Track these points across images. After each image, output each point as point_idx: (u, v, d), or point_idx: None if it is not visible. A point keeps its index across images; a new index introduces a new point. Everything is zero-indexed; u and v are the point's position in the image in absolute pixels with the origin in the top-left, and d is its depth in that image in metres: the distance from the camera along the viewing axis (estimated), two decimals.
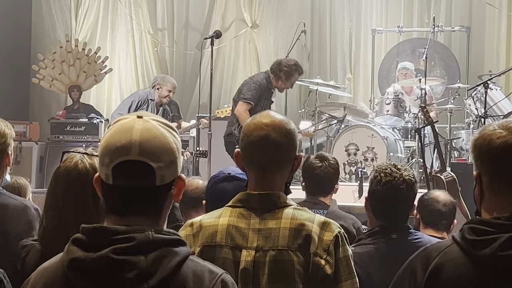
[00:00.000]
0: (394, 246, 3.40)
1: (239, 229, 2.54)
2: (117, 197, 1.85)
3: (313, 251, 2.50)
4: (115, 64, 12.46)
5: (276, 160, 2.58)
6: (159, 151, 1.83)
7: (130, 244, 1.76)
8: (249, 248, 2.52)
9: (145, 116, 1.87)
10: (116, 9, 12.71)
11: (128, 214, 1.84)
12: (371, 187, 3.51)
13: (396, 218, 3.49)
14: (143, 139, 1.82)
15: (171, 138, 1.87)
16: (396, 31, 11.56)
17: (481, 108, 9.00)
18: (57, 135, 11.12)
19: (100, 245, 1.77)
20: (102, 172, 1.85)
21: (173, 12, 12.75)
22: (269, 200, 2.57)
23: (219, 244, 2.53)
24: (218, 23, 12.45)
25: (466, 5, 11.94)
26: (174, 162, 1.86)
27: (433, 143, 8.46)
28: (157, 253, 1.78)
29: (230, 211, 2.58)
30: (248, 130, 2.60)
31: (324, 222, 2.56)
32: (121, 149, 1.81)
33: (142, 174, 1.81)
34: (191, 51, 12.55)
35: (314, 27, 12.43)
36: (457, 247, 2.06)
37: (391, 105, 9.77)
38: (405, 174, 3.46)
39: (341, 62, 12.30)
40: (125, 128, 1.84)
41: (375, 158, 9.46)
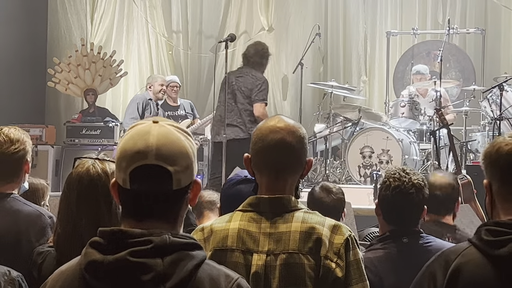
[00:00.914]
0: (405, 251, 3.42)
1: (250, 233, 2.55)
2: (135, 201, 1.87)
3: (323, 254, 2.50)
4: (130, 67, 12.50)
5: (290, 163, 2.60)
6: (175, 155, 1.85)
7: (147, 247, 1.78)
8: (260, 252, 2.53)
9: (160, 121, 1.89)
10: (132, 12, 12.76)
11: (146, 218, 1.86)
12: (381, 192, 3.51)
13: (406, 223, 3.49)
14: (160, 143, 1.84)
15: (186, 143, 1.89)
16: (411, 33, 11.56)
17: (496, 110, 8.99)
18: (72, 138, 11.16)
19: (117, 248, 1.80)
20: (120, 177, 1.88)
21: (187, 15, 12.78)
22: (279, 204, 2.58)
23: (230, 248, 2.54)
24: (233, 26, 12.50)
25: (481, 7, 11.92)
26: (190, 166, 1.88)
27: (448, 146, 8.44)
28: (174, 256, 1.80)
29: (240, 215, 2.59)
30: (263, 134, 2.61)
31: (335, 225, 2.57)
32: (138, 154, 1.84)
33: (159, 178, 1.84)
34: (206, 54, 12.59)
35: (329, 30, 12.44)
36: (475, 248, 2.10)
37: (406, 107, 9.76)
38: (414, 178, 3.46)
39: (356, 64, 12.30)
40: (141, 133, 1.86)
41: (390, 161, 9.44)
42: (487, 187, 2.16)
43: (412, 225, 3.49)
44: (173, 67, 12.65)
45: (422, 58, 11.34)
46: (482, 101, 9.77)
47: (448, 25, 10.29)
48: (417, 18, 12.02)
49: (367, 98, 12.00)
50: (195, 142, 1.97)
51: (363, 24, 12.33)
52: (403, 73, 11.50)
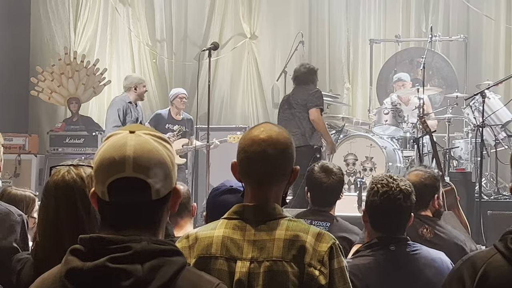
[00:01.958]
0: (393, 258, 3.42)
1: (234, 241, 2.56)
2: (114, 213, 1.86)
3: (307, 262, 2.51)
4: (114, 76, 12.49)
5: (273, 175, 2.61)
6: (153, 166, 1.83)
7: (126, 253, 1.78)
8: (244, 259, 2.54)
9: (137, 131, 1.88)
10: (115, 21, 12.77)
11: (125, 228, 1.85)
12: (368, 198, 3.50)
13: (394, 229, 3.49)
14: (137, 154, 1.83)
15: (164, 152, 1.87)
16: (394, 41, 11.62)
17: (479, 117, 9.02)
18: (56, 147, 11.14)
19: (97, 255, 1.79)
20: (98, 189, 1.87)
21: (171, 24, 12.81)
22: (264, 212, 2.59)
23: (214, 255, 2.55)
24: (217, 35, 12.52)
25: (464, 16, 11.99)
26: (168, 175, 1.87)
27: (432, 153, 8.47)
28: (153, 262, 1.79)
29: (225, 223, 2.60)
30: (245, 145, 2.62)
31: (319, 233, 2.57)
32: (116, 166, 1.82)
33: (138, 190, 1.83)
34: (189, 62, 12.60)
35: (313, 37, 12.47)
36: (501, 256, 2.14)
37: (390, 114, 9.80)
38: (401, 184, 3.46)
39: (339, 72, 12.34)
40: (118, 144, 1.85)
41: (374, 168, 9.48)
42: None
43: (399, 232, 3.49)
44: (157, 76, 12.65)
45: (405, 66, 11.39)
46: (465, 108, 9.83)
47: (431, 32, 10.33)
48: (400, 26, 12.07)
49: (350, 106, 12.04)
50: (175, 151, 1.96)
51: (346, 32, 12.38)
52: (386, 80, 11.52)
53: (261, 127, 2.66)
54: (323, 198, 4.65)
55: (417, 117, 8.93)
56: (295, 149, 2.68)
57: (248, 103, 12.60)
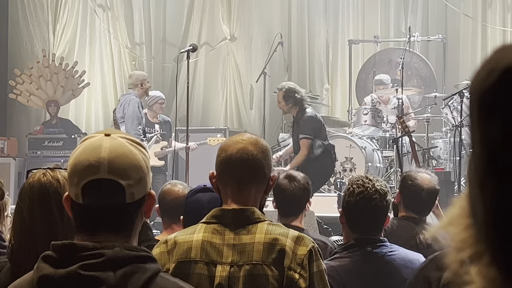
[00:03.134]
0: (370, 259, 3.44)
1: (213, 245, 2.57)
2: (87, 216, 1.85)
3: (287, 265, 2.53)
4: (93, 78, 12.47)
5: (252, 172, 2.63)
6: (128, 169, 1.83)
7: (98, 260, 1.77)
8: (224, 263, 2.55)
9: (112, 134, 1.88)
10: (94, 23, 12.74)
11: (98, 232, 1.84)
12: (345, 199, 3.52)
13: (370, 230, 3.51)
14: (112, 157, 1.82)
15: (139, 155, 1.87)
16: (372, 41, 11.64)
17: (457, 117, 9.06)
18: (35, 150, 11.11)
19: (69, 262, 1.78)
20: (72, 192, 1.86)
21: (150, 26, 12.81)
22: (243, 215, 2.60)
23: (194, 260, 2.56)
24: (196, 36, 12.51)
25: (442, 15, 12.06)
26: (143, 178, 1.87)
27: (411, 153, 8.51)
28: (126, 269, 1.78)
29: (204, 227, 2.61)
30: (226, 145, 2.66)
31: (298, 236, 2.59)
32: (90, 168, 1.82)
33: (112, 193, 1.82)
34: (169, 64, 12.59)
35: (292, 38, 12.49)
36: None
37: (369, 115, 9.82)
38: (377, 184, 3.47)
39: (319, 73, 12.37)
40: (93, 147, 1.84)
41: (353, 169, 9.49)
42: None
43: (376, 233, 3.51)
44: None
45: (384, 66, 11.41)
46: (444, 108, 9.86)
47: (409, 33, 10.37)
48: (379, 27, 12.12)
49: (330, 106, 12.06)
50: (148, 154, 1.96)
51: (325, 33, 12.40)
52: (365, 81, 11.54)
53: (238, 137, 2.70)
54: (287, 207, 4.49)
55: (396, 117, 8.97)
56: (271, 158, 2.72)
57: (228, 105, 12.61)
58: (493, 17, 11.89)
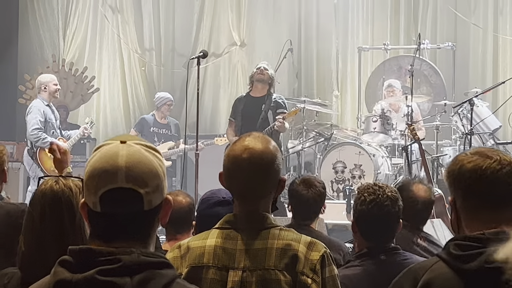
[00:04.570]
0: (383, 268, 3.42)
1: (226, 250, 2.57)
2: (105, 224, 1.85)
3: (299, 270, 2.52)
4: (103, 83, 12.52)
5: (255, 190, 2.62)
6: (145, 176, 1.83)
7: (116, 266, 1.76)
8: (236, 268, 2.54)
9: (128, 140, 1.87)
10: (104, 29, 12.80)
11: (115, 239, 1.84)
12: (357, 208, 3.52)
13: (383, 238, 3.51)
14: (129, 165, 1.82)
15: (156, 162, 1.87)
16: (382, 48, 11.62)
17: (467, 125, 9.05)
18: None
19: (86, 267, 1.77)
20: (89, 200, 1.85)
21: (160, 32, 12.84)
22: (255, 221, 2.60)
23: (206, 265, 2.56)
24: (206, 42, 12.54)
25: (451, 24, 12.04)
26: (160, 185, 1.87)
27: (420, 160, 8.49)
28: (143, 275, 1.77)
29: (217, 233, 2.61)
30: (228, 158, 2.63)
31: (311, 242, 2.59)
32: (108, 177, 1.81)
33: (130, 201, 1.82)
34: (178, 69, 12.60)
35: (302, 45, 12.50)
36: (443, 263, 2.10)
37: (378, 122, 9.80)
38: (387, 190, 3.49)
39: (328, 80, 12.36)
40: (109, 155, 1.84)
41: (362, 176, 9.48)
42: (452, 204, 2.19)
43: (389, 241, 3.52)
44: (146, 83, 12.66)
45: (393, 73, 11.39)
46: (453, 115, 9.85)
47: (419, 40, 10.34)
48: (388, 34, 12.11)
49: (339, 113, 12.06)
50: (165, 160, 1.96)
51: (335, 40, 12.40)
52: (375, 88, 11.52)
53: (244, 142, 2.63)
54: (303, 211, 4.57)
55: (406, 124, 8.94)
56: (281, 160, 2.66)
57: None
58: (503, 26, 11.88)
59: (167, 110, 10.67)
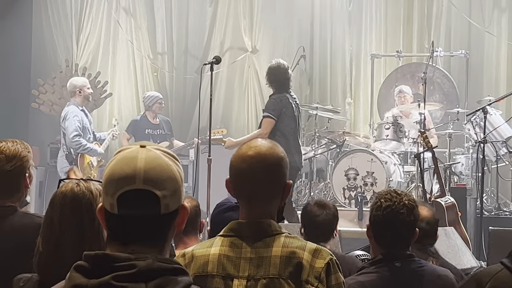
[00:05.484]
0: (398, 275, 3.42)
1: (230, 258, 2.56)
2: (122, 227, 1.85)
3: (304, 279, 2.50)
4: (115, 88, 12.58)
5: (262, 194, 2.60)
6: (163, 180, 1.83)
7: (131, 272, 1.76)
8: (240, 277, 2.53)
9: (148, 146, 1.88)
10: (117, 34, 12.86)
11: (132, 243, 1.84)
12: (372, 213, 3.51)
13: (398, 245, 3.50)
14: (148, 167, 1.82)
15: (174, 167, 1.88)
16: (395, 56, 11.65)
17: (480, 133, 9.03)
18: (56, 159, 11.11)
19: (102, 272, 1.76)
20: (107, 202, 1.86)
21: (172, 38, 12.89)
22: (260, 228, 2.58)
23: (210, 274, 2.55)
24: (218, 48, 12.58)
25: (465, 31, 12.05)
26: (177, 190, 1.87)
27: (433, 168, 8.49)
28: (158, 281, 1.77)
29: (221, 241, 2.60)
30: (235, 164, 2.62)
31: (316, 249, 2.57)
32: (126, 179, 1.82)
33: (147, 203, 1.82)
34: (190, 75, 12.64)
35: (315, 52, 12.53)
36: (508, 271, 2.12)
37: (391, 129, 9.82)
38: (405, 199, 3.47)
39: (341, 86, 12.39)
40: (128, 158, 1.85)
41: (374, 183, 9.49)
42: None
43: (404, 248, 3.50)
44: (158, 88, 12.70)
45: (406, 81, 11.39)
46: (466, 123, 9.85)
47: (432, 47, 10.35)
48: (401, 41, 12.12)
49: (352, 120, 12.06)
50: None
51: (348, 47, 12.42)
52: (387, 95, 11.52)
53: (250, 146, 2.64)
54: (317, 233, 4.51)
55: (418, 132, 8.94)
56: (287, 164, 2.66)
57: (248, 116, 12.68)
58: None
59: (158, 109, 10.65)
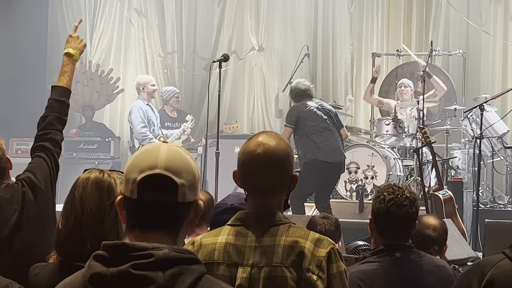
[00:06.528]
0: (399, 264, 3.51)
1: (236, 247, 2.61)
2: (141, 212, 1.90)
3: (305, 267, 2.54)
4: (127, 85, 12.76)
5: (272, 186, 2.66)
6: (182, 169, 1.91)
7: (149, 260, 1.81)
8: (245, 265, 2.59)
9: (170, 143, 2.00)
10: (129, 32, 13.09)
11: (150, 230, 1.90)
12: (375, 205, 3.59)
13: (399, 236, 3.59)
14: (169, 157, 1.91)
15: (193, 163, 1.97)
16: (395, 55, 11.81)
17: (476, 129, 9.22)
18: (70, 152, 11.38)
19: (120, 261, 1.82)
20: (127, 189, 1.92)
21: (182, 36, 13.08)
22: (265, 218, 2.64)
23: (216, 262, 2.60)
24: (225, 47, 12.80)
25: (463, 31, 12.22)
26: (195, 184, 1.95)
27: (431, 162, 8.62)
28: (174, 270, 1.82)
29: (229, 230, 2.66)
30: (244, 158, 2.67)
31: (318, 238, 2.62)
32: (147, 165, 1.90)
33: (166, 188, 1.89)
34: (199, 72, 12.89)
35: (318, 50, 12.72)
36: (509, 261, 2.17)
37: (390, 125, 9.97)
38: (406, 192, 3.57)
39: (343, 84, 12.55)
40: (151, 150, 1.94)
41: (375, 176, 9.62)
42: None
43: (404, 239, 3.60)
44: (168, 84, 12.88)
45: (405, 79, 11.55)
46: (463, 120, 10.05)
47: (431, 47, 10.50)
48: (401, 40, 12.24)
49: (353, 116, 12.24)
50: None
51: (350, 46, 12.62)
52: (387, 92, 11.66)
53: (258, 139, 2.68)
54: None
55: (418, 128, 9.12)
56: (293, 157, 2.73)
57: (254, 113, 12.88)
58: None
59: (175, 103, 10.77)
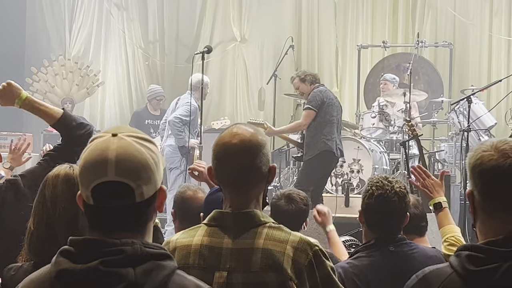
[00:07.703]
0: (392, 258, 3.47)
1: (212, 249, 2.49)
2: (100, 216, 1.85)
3: (284, 274, 2.42)
4: (107, 77, 12.69)
5: (249, 179, 2.52)
6: (136, 169, 1.82)
7: (119, 257, 1.78)
8: (221, 269, 2.47)
9: (119, 133, 1.86)
10: (109, 24, 12.98)
11: (112, 231, 1.84)
12: (364, 200, 3.53)
13: (391, 230, 3.53)
14: (119, 158, 1.81)
15: (147, 154, 1.85)
16: (381, 46, 11.75)
17: (463, 122, 9.15)
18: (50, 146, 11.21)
19: (88, 257, 1.78)
20: (83, 193, 1.86)
21: (163, 28, 12.99)
22: (243, 219, 2.51)
23: (192, 266, 2.48)
24: (207, 38, 12.69)
25: (450, 23, 12.21)
26: (152, 177, 1.86)
27: (417, 156, 8.58)
28: (145, 266, 1.79)
29: (205, 230, 2.53)
30: (218, 152, 2.54)
31: (299, 241, 2.48)
32: (98, 171, 1.81)
33: (121, 194, 1.82)
34: (181, 64, 12.77)
35: (303, 42, 12.65)
36: (458, 277, 2.03)
37: (377, 118, 9.90)
38: (396, 186, 3.49)
39: (328, 76, 12.48)
40: (100, 149, 1.83)
41: (361, 170, 9.54)
42: (469, 196, 2.11)
43: (396, 233, 3.54)
44: (150, 77, 12.83)
45: (392, 71, 11.44)
46: (450, 112, 9.99)
47: (418, 38, 10.46)
48: (387, 32, 12.26)
49: None
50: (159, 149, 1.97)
51: (334, 37, 12.55)
52: (374, 85, 11.63)
53: (233, 130, 2.55)
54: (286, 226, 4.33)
55: (404, 120, 9.08)
56: (269, 149, 2.64)
57: (236, 105, 12.79)
58: (498, 26, 12.05)
59: (156, 104, 10.84)
